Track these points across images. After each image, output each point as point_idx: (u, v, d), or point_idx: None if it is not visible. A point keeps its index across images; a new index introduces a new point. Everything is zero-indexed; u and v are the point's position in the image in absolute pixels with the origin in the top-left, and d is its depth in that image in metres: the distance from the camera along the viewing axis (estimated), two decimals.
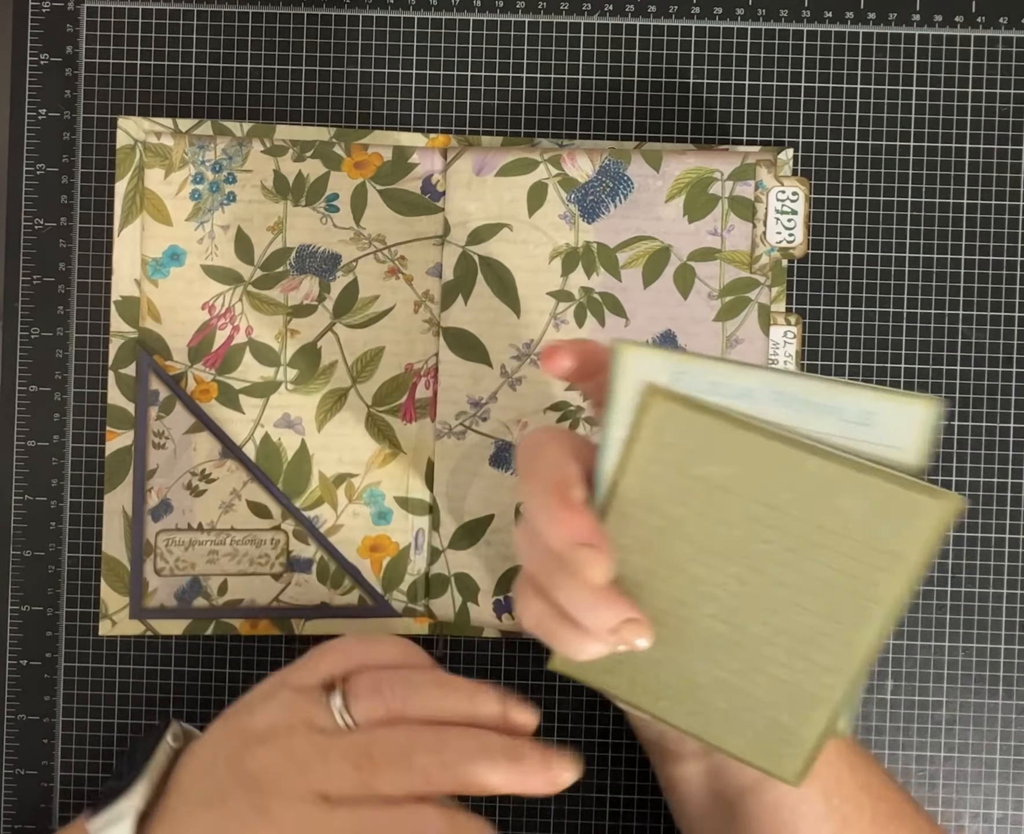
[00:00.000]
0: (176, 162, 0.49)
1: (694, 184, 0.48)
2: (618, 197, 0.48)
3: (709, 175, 0.48)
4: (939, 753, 0.50)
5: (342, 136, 0.49)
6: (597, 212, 0.49)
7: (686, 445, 0.33)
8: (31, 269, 0.50)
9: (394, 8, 0.50)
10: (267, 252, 0.49)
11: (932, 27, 0.50)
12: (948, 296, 0.50)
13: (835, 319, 0.50)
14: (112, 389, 0.49)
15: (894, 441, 0.32)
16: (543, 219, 0.49)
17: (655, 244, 0.49)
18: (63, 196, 0.50)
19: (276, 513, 0.49)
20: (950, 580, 0.50)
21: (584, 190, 0.49)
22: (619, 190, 0.48)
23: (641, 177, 0.48)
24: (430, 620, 0.49)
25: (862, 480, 0.32)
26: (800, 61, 0.50)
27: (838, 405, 0.32)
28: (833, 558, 0.33)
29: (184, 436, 0.49)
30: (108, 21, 0.50)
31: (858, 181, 0.50)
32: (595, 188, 0.48)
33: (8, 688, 0.50)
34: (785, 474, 0.32)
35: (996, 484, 0.49)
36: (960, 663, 0.50)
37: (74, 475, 0.50)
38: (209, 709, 0.50)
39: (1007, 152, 0.50)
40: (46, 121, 0.50)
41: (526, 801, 0.50)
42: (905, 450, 0.32)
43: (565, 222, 0.49)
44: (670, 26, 0.50)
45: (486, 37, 0.50)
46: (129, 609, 0.49)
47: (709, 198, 0.48)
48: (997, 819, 0.49)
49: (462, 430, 0.49)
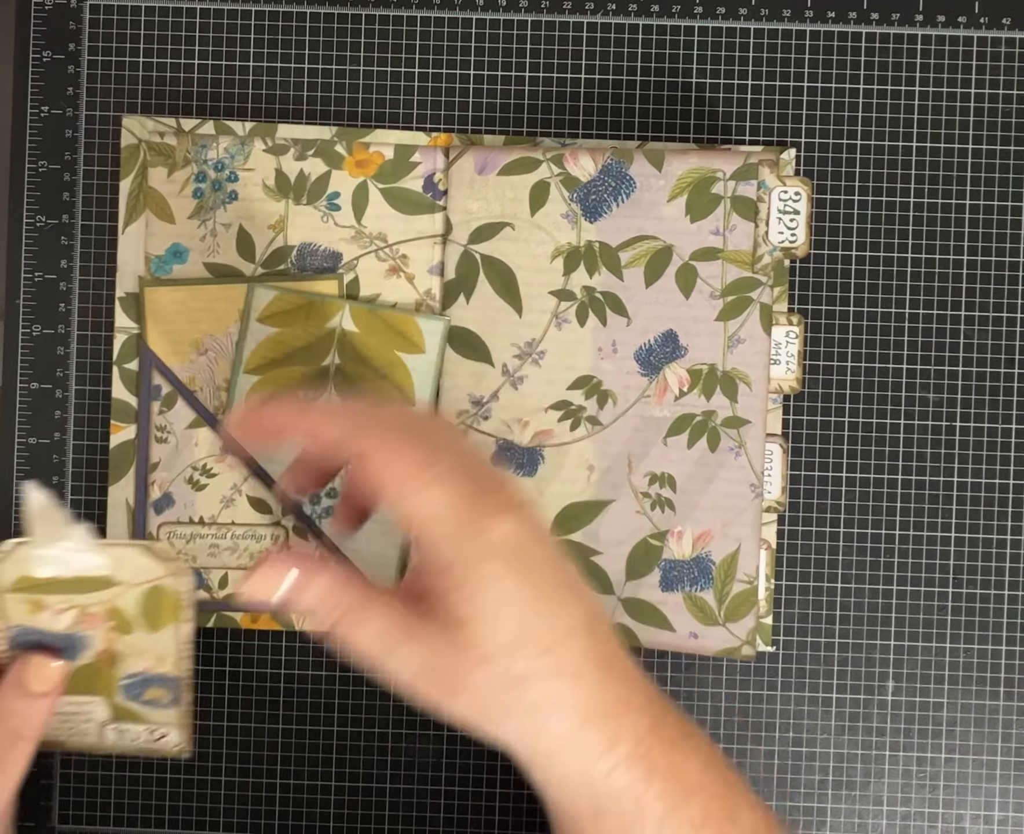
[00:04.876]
0: (179, 161, 0.49)
1: (696, 184, 0.48)
2: (620, 196, 0.48)
3: (711, 175, 0.48)
4: (939, 754, 0.50)
5: (344, 135, 0.49)
6: (599, 211, 0.49)
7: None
8: (33, 266, 0.50)
9: (396, 7, 0.50)
10: (268, 250, 0.49)
11: (935, 27, 0.50)
12: (950, 296, 0.50)
13: (837, 319, 0.50)
14: (116, 384, 0.49)
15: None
16: (545, 218, 0.49)
17: (657, 243, 0.49)
18: (65, 193, 0.50)
19: (276, 509, 0.49)
20: (951, 581, 0.50)
21: (586, 189, 0.49)
22: (621, 189, 0.48)
23: (643, 176, 0.48)
24: None
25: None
26: (803, 61, 0.50)
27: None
28: None
29: (186, 431, 0.49)
30: (111, 18, 0.50)
31: (860, 181, 0.50)
32: (597, 187, 0.48)
33: None
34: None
35: (997, 485, 0.49)
36: (960, 664, 0.50)
37: (75, 472, 0.50)
38: (209, 702, 0.50)
39: (1010, 152, 0.50)
40: (48, 118, 0.50)
41: (526, 801, 0.50)
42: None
43: (567, 221, 0.49)
44: (673, 26, 0.50)
45: (488, 36, 0.50)
46: None
47: (711, 198, 0.48)
48: (998, 821, 0.49)
49: (464, 429, 0.49)
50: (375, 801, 0.50)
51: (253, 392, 0.49)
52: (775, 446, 0.49)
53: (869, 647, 0.50)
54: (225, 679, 0.50)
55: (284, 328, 0.49)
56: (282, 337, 0.49)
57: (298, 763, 0.50)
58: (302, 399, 0.37)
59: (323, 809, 0.50)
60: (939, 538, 0.50)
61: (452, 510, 0.34)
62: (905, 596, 0.50)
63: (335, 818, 0.50)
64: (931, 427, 0.50)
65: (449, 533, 0.34)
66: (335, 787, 0.50)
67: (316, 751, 0.50)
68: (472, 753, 0.50)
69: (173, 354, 0.49)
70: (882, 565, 0.50)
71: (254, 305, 0.49)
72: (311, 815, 0.50)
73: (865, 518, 0.50)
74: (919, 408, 0.50)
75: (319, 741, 0.50)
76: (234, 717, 0.50)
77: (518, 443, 0.49)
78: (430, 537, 0.35)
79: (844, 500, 0.50)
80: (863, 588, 0.50)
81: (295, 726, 0.50)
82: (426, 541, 0.35)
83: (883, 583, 0.50)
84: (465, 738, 0.50)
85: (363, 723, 0.50)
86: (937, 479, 0.50)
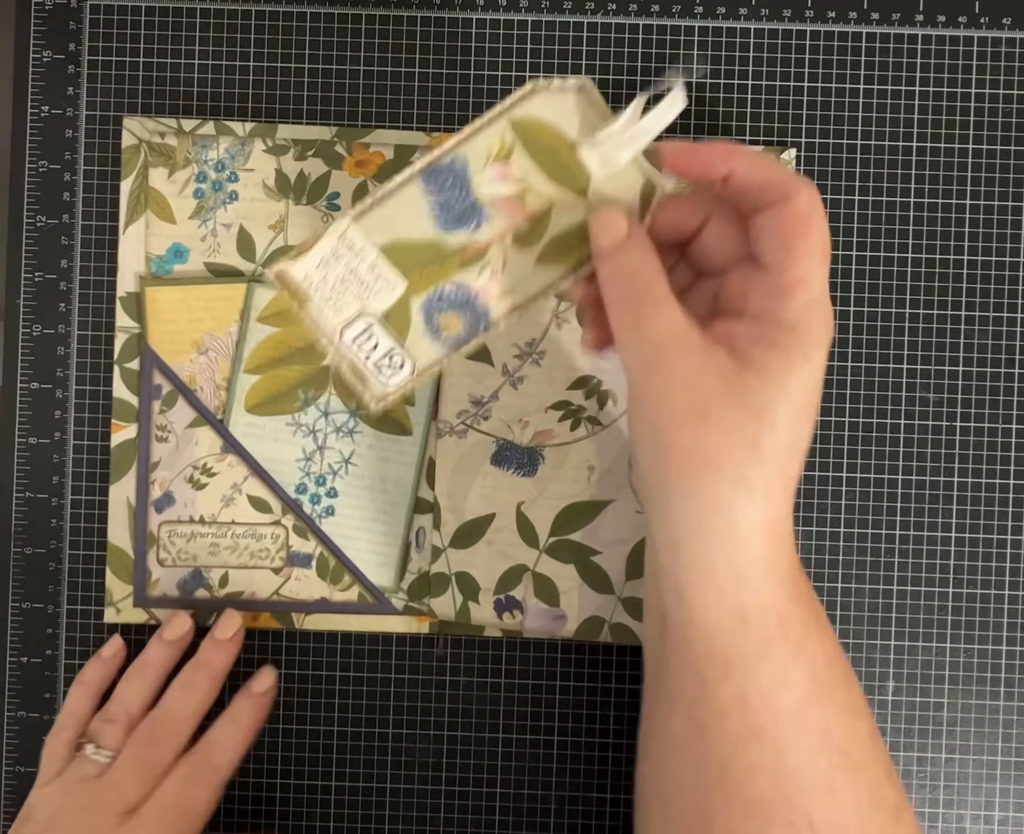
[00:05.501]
0: (179, 161, 0.49)
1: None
2: None
3: None
4: (939, 754, 0.50)
5: (343, 135, 0.50)
6: None
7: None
8: (33, 266, 0.50)
9: (396, 7, 0.50)
10: (269, 250, 0.49)
11: (935, 27, 0.50)
12: (951, 296, 0.50)
13: (837, 319, 0.50)
14: (116, 383, 0.49)
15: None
16: None
17: None
18: (65, 193, 0.50)
19: (276, 508, 0.49)
20: (951, 581, 0.49)
21: None
22: None
23: None
24: (431, 619, 0.49)
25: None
26: (803, 61, 0.50)
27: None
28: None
29: (186, 430, 0.49)
30: (111, 18, 0.50)
31: (860, 181, 0.50)
32: None
33: (8, 685, 0.50)
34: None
35: (997, 485, 0.49)
36: (960, 664, 0.49)
37: (75, 472, 0.50)
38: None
39: (1010, 152, 0.50)
40: (49, 118, 0.50)
41: (526, 801, 0.50)
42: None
43: None
44: (673, 26, 0.50)
45: (488, 36, 0.50)
46: (133, 598, 0.49)
47: None
48: (998, 821, 0.49)
49: (464, 429, 0.49)
50: (375, 801, 0.50)
51: (253, 392, 0.49)
52: None
53: (869, 647, 0.50)
54: (225, 678, 0.50)
55: (284, 328, 0.49)
56: (282, 337, 0.49)
57: (298, 763, 0.50)
58: (728, 143, 0.39)
59: (323, 809, 0.50)
60: (939, 538, 0.50)
61: (822, 289, 0.36)
62: (905, 596, 0.50)
63: (335, 818, 0.50)
64: (931, 427, 0.50)
65: (809, 301, 0.36)
66: (335, 787, 0.50)
67: (316, 751, 0.50)
68: (472, 753, 0.50)
69: (174, 353, 0.49)
70: (882, 565, 0.50)
71: (254, 305, 0.49)
72: (311, 815, 0.50)
73: (865, 518, 0.50)
74: (919, 408, 0.50)
75: (319, 741, 0.50)
76: None
77: (518, 443, 0.49)
78: (793, 292, 0.36)
79: (844, 500, 0.50)
80: (863, 588, 0.50)
81: (295, 726, 0.50)
82: (787, 293, 0.36)
83: (883, 583, 0.50)
84: (465, 738, 0.50)
85: (363, 723, 0.50)
86: (937, 479, 0.50)
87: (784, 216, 0.36)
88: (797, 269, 0.36)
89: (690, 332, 0.36)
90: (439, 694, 0.50)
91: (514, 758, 0.50)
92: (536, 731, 0.50)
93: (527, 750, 0.50)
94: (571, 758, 0.50)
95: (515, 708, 0.50)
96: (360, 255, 0.40)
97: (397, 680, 0.50)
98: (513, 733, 0.50)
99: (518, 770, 0.50)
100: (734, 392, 0.35)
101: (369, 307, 0.40)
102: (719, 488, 0.35)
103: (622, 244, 0.38)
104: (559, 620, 0.49)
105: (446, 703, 0.50)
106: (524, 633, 0.49)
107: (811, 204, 0.36)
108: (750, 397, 0.35)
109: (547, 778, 0.50)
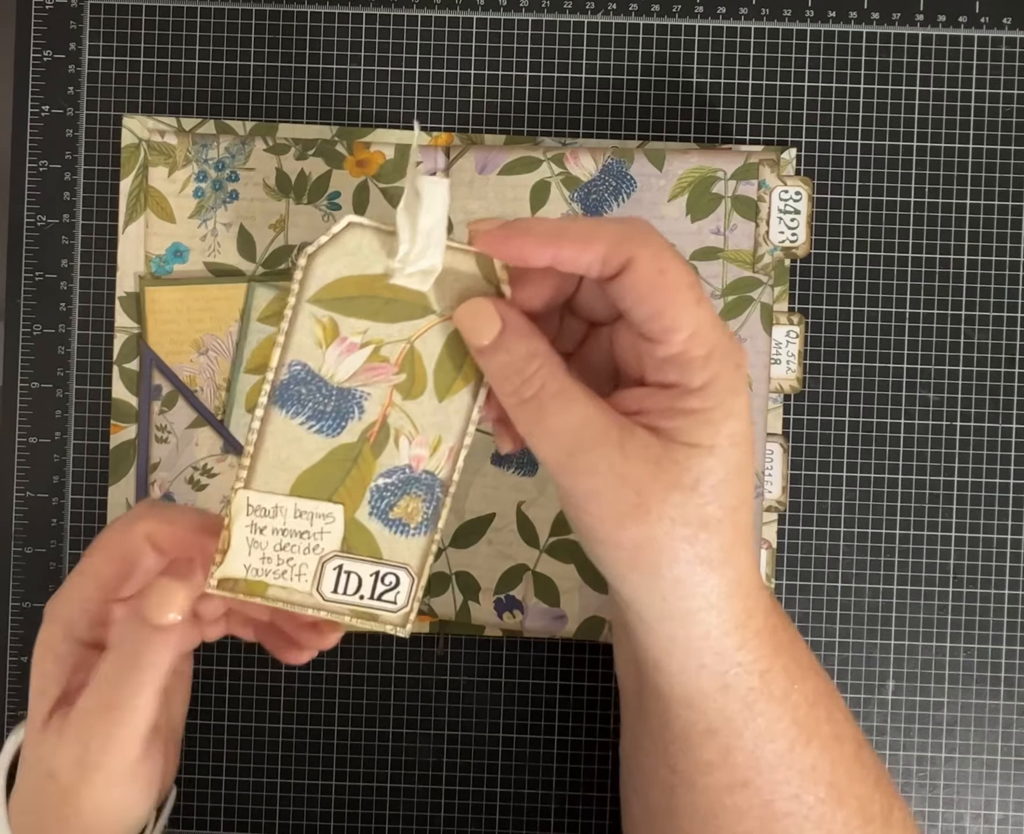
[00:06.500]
0: (179, 160, 0.49)
1: (697, 183, 0.48)
2: (621, 196, 0.49)
3: (712, 174, 0.48)
4: (939, 754, 0.50)
5: (344, 134, 0.49)
6: (600, 211, 0.49)
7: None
8: (33, 266, 0.50)
9: (396, 7, 0.50)
10: (269, 249, 0.49)
11: (935, 27, 0.50)
12: (951, 296, 0.50)
13: (837, 319, 0.50)
14: (116, 383, 0.49)
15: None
16: None
17: None
18: (66, 193, 0.50)
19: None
20: (951, 580, 0.50)
21: (587, 189, 0.49)
22: (622, 189, 0.48)
23: (644, 176, 0.48)
24: (431, 618, 0.49)
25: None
26: (803, 61, 0.50)
27: None
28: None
29: (186, 431, 0.49)
30: (111, 18, 0.50)
31: (861, 181, 0.50)
32: (598, 187, 0.48)
33: (9, 685, 0.50)
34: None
35: (997, 485, 0.49)
36: (960, 663, 0.50)
37: (76, 472, 0.50)
38: (210, 699, 0.50)
39: (1010, 152, 0.50)
40: (49, 117, 0.50)
41: (526, 800, 0.50)
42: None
43: None
44: (673, 25, 0.50)
45: (489, 35, 0.50)
46: None
47: (712, 197, 0.48)
48: (998, 820, 0.49)
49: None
50: (375, 801, 0.50)
51: (254, 393, 0.49)
52: (775, 446, 0.49)
53: (869, 647, 0.50)
54: (226, 678, 0.50)
55: None
56: None
57: (298, 763, 0.50)
58: (545, 223, 0.34)
59: (323, 809, 0.50)
60: (939, 538, 0.50)
61: (715, 331, 0.33)
62: (905, 596, 0.50)
63: (335, 818, 0.50)
64: (931, 427, 0.50)
65: (709, 355, 0.33)
66: (335, 787, 0.50)
67: (316, 751, 0.50)
68: (472, 753, 0.50)
69: (173, 353, 0.49)
70: (882, 565, 0.50)
71: (254, 305, 0.49)
72: (311, 815, 0.50)
73: (865, 518, 0.50)
74: (919, 408, 0.50)
75: (319, 741, 0.50)
76: (235, 717, 0.50)
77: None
78: (688, 356, 0.33)
79: (844, 500, 0.50)
80: (863, 588, 0.50)
81: (295, 726, 0.50)
82: (683, 359, 0.33)
83: (883, 583, 0.50)
84: (465, 738, 0.50)
85: (363, 723, 0.50)
86: (937, 479, 0.50)
87: (634, 284, 0.33)
88: (679, 331, 0.33)
89: (603, 418, 0.33)
90: (439, 694, 0.50)
91: (514, 758, 0.50)
92: (536, 731, 0.50)
93: (527, 750, 0.50)
94: (571, 758, 0.50)
95: (515, 708, 0.50)
96: (279, 513, 0.37)
97: (397, 680, 0.50)
98: (513, 733, 0.50)
99: (518, 770, 0.50)
100: (666, 475, 0.33)
101: (325, 551, 0.37)
102: (678, 572, 0.34)
103: (499, 340, 0.34)
104: (559, 620, 0.49)
105: (446, 703, 0.50)
106: (524, 633, 0.49)
107: (656, 258, 0.33)
108: (684, 474, 0.33)
109: (547, 778, 0.50)
